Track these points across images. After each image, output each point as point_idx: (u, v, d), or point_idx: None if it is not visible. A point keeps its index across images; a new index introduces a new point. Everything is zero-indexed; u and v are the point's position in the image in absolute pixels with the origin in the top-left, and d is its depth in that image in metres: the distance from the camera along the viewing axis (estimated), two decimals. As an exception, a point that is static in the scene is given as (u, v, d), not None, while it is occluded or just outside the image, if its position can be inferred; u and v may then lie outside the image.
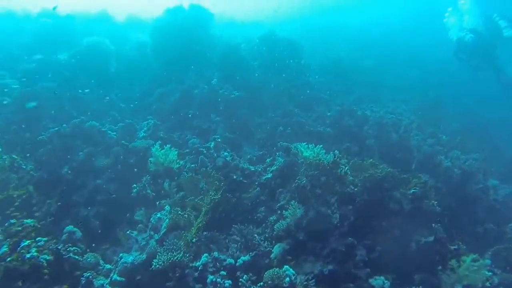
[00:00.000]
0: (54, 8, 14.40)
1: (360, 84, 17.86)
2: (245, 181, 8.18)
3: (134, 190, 7.13)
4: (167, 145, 8.03)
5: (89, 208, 7.63)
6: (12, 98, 9.81)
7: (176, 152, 8.05)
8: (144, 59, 13.77)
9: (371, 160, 7.69)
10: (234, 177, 8.09)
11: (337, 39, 22.34)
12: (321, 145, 7.82)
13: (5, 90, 10.43)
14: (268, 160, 8.75)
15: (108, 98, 11.34)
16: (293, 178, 7.63)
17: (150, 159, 7.75)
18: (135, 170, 8.24)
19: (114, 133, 8.95)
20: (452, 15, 14.26)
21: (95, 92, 12.05)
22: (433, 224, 7.02)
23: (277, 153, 8.53)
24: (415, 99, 18.89)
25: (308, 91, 12.55)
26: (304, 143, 7.91)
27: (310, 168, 6.77)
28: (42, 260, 5.02)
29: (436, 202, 7.42)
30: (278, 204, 7.28)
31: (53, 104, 10.35)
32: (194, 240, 5.93)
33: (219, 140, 8.28)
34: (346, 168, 6.92)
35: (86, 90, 11.09)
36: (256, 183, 8.07)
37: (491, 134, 16.44)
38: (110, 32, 16.47)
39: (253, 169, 8.40)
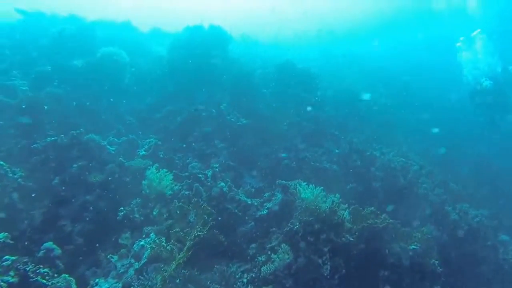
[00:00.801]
0: (60, 32, 14.62)
1: (374, 122, 17.52)
2: (240, 213, 7.86)
3: (120, 214, 6.85)
4: (163, 169, 7.78)
5: (75, 224, 7.36)
6: (16, 101, 9.71)
7: (172, 176, 7.78)
8: (159, 74, 13.70)
9: (372, 208, 7.28)
10: (230, 208, 7.80)
11: (355, 72, 22.10)
12: (321, 187, 7.51)
13: (12, 91, 10.39)
14: (266, 194, 8.44)
15: None
16: (288, 218, 7.33)
17: (143, 181, 7.50)
18: (129, 190, 7.99)
19: (113, 148, 8.76)
20: (465, 50, 13.96)
21: (104, 103, 11.98)
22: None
23: (277, 189, 8.24)
24: (429, 141, 18.45)
25: (318, 125, 12.23)
26: (304, 183, 7.61)
27: (305, 213, 6.42)
28: (2, 284, 4.70)
29: (437, 262, 7.01)
30: (269, 245, 6.91)
31: (59, 111, 10.25)
32: (177, 281, 5.60)
33: (217, 169, 8.00)
34: (343, 217, 6.55)
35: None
36: (247, 217, 7.76)
37: (504, 183, 15.78)
38: (131, 43, 16.58)
39: (249, 203, 8.08)
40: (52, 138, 8.10)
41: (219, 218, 7.45)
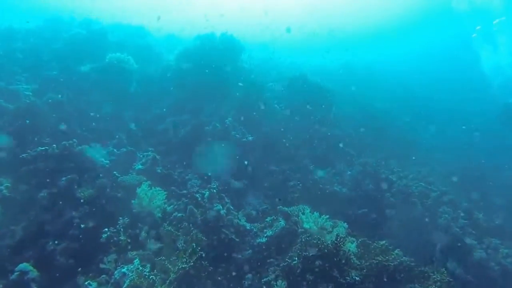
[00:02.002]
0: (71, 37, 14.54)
1: (393, 140, 16.65)
2: (237, 239, 7.16)
3: (104, 236, 6.23)
4: (156, 188, 7.19)
5: (57, 242, 6.79)
6: (15, 106, 9.32)
7: (165, 196, 7.18)
8: (167, 82, 13.21)
9: (383, 242, 6.47)
10: (226, 233, 7.12)
11: (375, 86, 21.20)
12: (327, 216, 6.78)
13: (15, 96, 10.06)
14: (268, 219, 7.70)
15: None
16: (289, 248, 6.62)
17: (133, 201, 6.91)
18: (120, 207, 7.41)
19: (107, 161, 8.21)
20: (486, 49, 12.96)
21: (108, 110, 11.56)
22: None
23: (279, 215, 7.52)
24: (453, 161, 17.36)
25: (331, 144, 11.44)
26: (308, 210, 6.90)
27: (306, 246, 5.67)
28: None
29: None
30: (264, 279, 6.17)
31: (59, 118, 9.82)
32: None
33: (214, 190, 7.32)
34: (348, 252, 5.77)
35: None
36: (245, 244, 7.07)
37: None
38: (143, 49, 16.22)
39: (248, 228, 7.38)
40: (43, 148, 7.61)
41: (214, 243, 6.81)
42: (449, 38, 32.70)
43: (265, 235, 6.94)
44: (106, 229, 6.33)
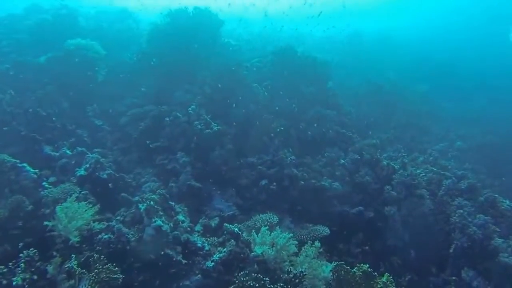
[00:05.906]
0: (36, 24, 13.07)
1: (407, 114, 14.73)
2: (184, 261, 5.66)
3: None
4: (82, 203, 5.75)
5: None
6: None
7: (92, 212, 5.72)
8: (139, 68, 11.65)
9: (366, 267, 4.79)
10: (170, 254, 5.63)
11: (386, 56, 18.94)
12: (289, 235, 5.15)
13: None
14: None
15: None
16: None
17: (46, 222, 5.49)
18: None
19: (36, 170, 6.80)
20: None
21: (66, 105, 10.18)
22: None
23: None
24: (477, 135, 15.28)
25: (325, 125, 9.62)
26: (266, 227, 5.28)
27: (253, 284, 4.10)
28: None
29: None
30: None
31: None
32: None
33: (152, 203, 5.78)
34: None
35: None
36: (194, 267, 5.58)
37: None
38: (122, 33, 14.75)
39: (200, 245, 5.86)
40: None
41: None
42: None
43: (213, 258, 5.39)
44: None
